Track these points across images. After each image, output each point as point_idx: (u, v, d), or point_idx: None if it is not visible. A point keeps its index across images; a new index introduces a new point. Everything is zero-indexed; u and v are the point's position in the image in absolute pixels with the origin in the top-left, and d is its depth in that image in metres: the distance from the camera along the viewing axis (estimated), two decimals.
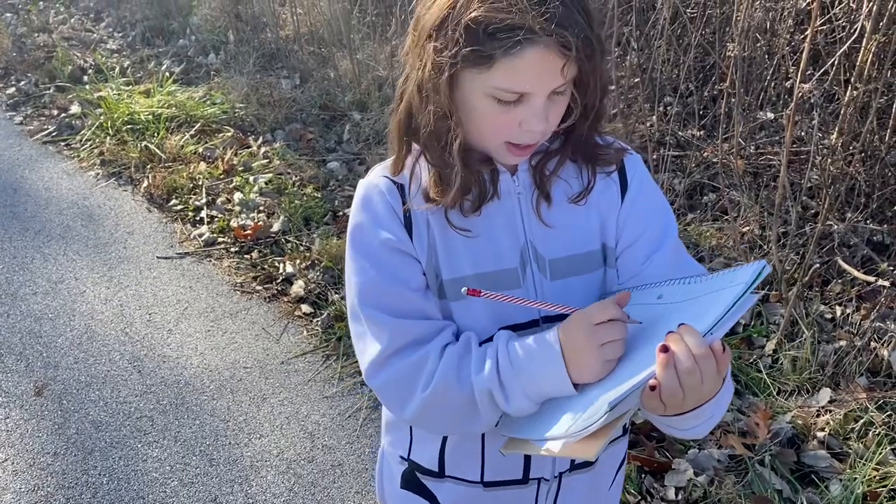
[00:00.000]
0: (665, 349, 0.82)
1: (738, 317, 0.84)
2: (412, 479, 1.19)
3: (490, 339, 1.01)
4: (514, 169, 1.04)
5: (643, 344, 0.90)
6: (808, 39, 2.57)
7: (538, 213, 1.03)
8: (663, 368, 0.82)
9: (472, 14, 0.85)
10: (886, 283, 2.73)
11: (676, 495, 2.19)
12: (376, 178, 1.04)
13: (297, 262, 3.32)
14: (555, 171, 1.03)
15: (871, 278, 2.76)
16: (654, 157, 3.67)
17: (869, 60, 2.87)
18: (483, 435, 1.08)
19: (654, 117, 3.89)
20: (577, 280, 1.05)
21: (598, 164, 1.04)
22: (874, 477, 2.21)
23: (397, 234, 1.00)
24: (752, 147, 3.62)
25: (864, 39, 2.84)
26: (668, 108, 4.11)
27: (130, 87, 5.10)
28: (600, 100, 0.98)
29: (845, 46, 2.87)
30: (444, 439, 1.12)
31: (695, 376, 0.82)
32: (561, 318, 1.04)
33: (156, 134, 4.46)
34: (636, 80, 4.03)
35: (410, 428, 1.17)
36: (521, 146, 0.97)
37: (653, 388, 0.83)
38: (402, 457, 1.20)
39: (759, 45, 3.51)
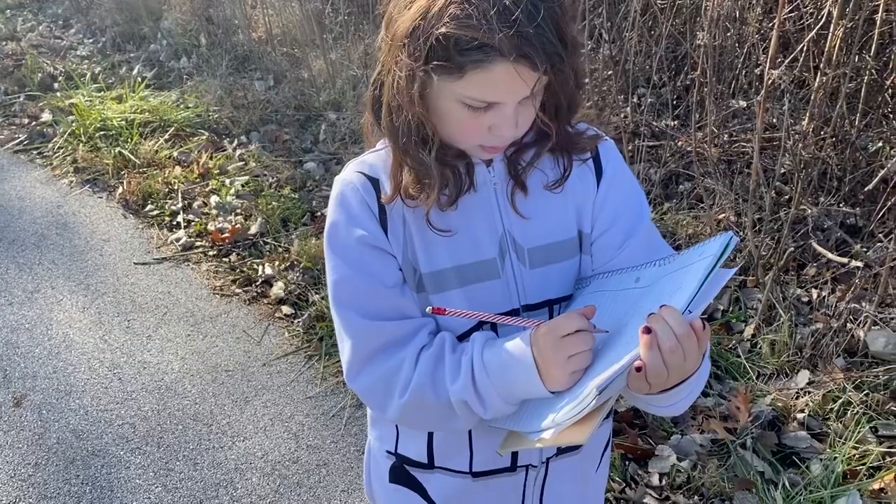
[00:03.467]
0: (648, 330, 0.84)
1: (714, 292, 0.86)
2: (401, 472, 1.19)
3: (468, 334, 1.01)
4: (489, 160, 1.04)
5: (626, 327, 0.91)
6: (776, 27, 2.60)
7: (513, 203, 1.03)
8: (647, 349, 0.83)
9: (442, 29, 0.84)
10: (860, 265, 2.77)
11: (660, 481, 2.21)
12: (351, 174, 1.04)
13: (277, 263, 3.30)
14: (531, 163, 1.04)
15: (844, 260, 2.80)
16: (630, 147, 3.69)
17: (837, 46, 2.90)
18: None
19: (629, 108, 3.91)
20: (555, 267, 1.05)
21: (574, 152, 1.05)
22: (853, 455, 2.24)
23: (372, 230, 1.00)
24: (726, 135, 3.65)
25: (832, 25, 2.87)
26: (642, 98, 4.14)
27: (102, 93, 5.05)
28: (575, 92, 0.98)
29: (813, 33, 2.90)
30: (431, 432, 1.13)
31: (678, 354, 0.83)
32: (543, 304, 1.05)
33: (129, 140, 4.42)
34: (609, 72, 4.05)
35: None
36: (493, 147, 0.98)
37: (638, 369, 0.84)
38: (389, 451, 1.20)
39: (729, 34, 3.54)
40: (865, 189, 2.70)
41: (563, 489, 1.19)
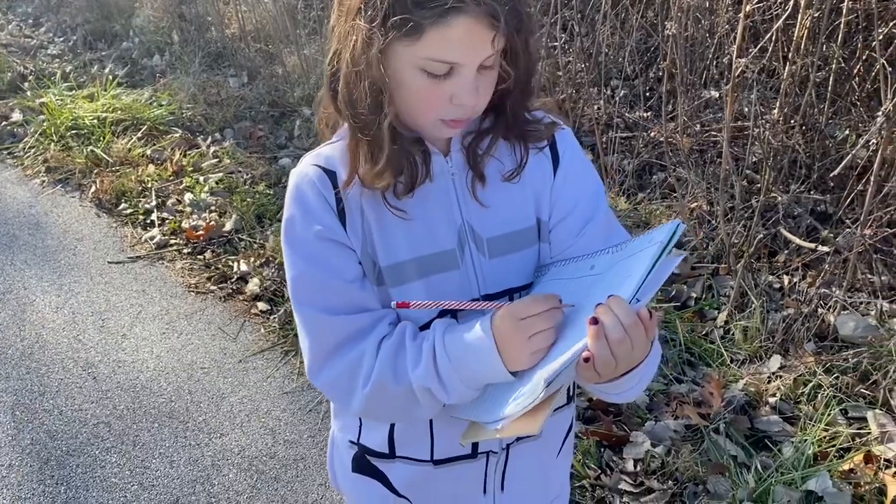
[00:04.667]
0: (595, 321, 0.84)
1: (662, 279, 0.86)
2: (363, 462, 1.19)
3: (429, 324, 1.02)
4: (446, 150, 1.04)
5: (576, 317, 0.91)
6: (742, 17, 2.62)
7: (473, 193, 1.03)
8: (595, 340, 0.84)
9: None
10: (829, 251, 2.80)
11: (635, 467, 2.23)
12: (307, 167, 1.03)
13: (252, 259, 3.29)
14: (487, 151, 1.03)
15: (812, 246, 2.84)
16: (604, 139, 3.72)
17: (804, 35, 2.94)
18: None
19: (602, 100, 3.94)
20: (515, 256, 1.05)
21: (530, 140, 1.05)
22: (824, 437, 2.28)
23: (330, 224, 0.99)
24: (698, 125, 3.69)
25: (799, 15, 2.91)
26: (615, 90, 4.16)
27: (73, 91, 4.99)
28: (530, 73, 0.98)
29: (780, 22, 2.93)
30: (392, 423, 1.13)
31: (625, 344, 0.84)
32: (503, 294, 1.05)
33: (102, 138, 4.38)
34: (583, 64, 4.07)
35: None
36: (454, 121, 0.97)
37: (587, 359, 0.85)
38: (351, 441, 1.20)
39: (700, 24, 3.57)
40: (831, 175, 2.73)
41: (524, 474, 1.19)
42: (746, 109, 3.57)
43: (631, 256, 0.91)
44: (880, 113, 2.30)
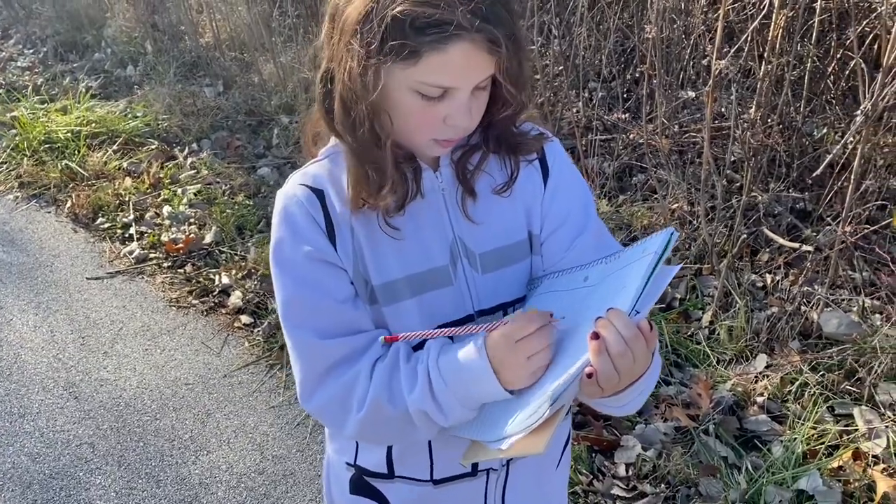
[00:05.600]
0: (596, 336, 0.83)
1: (660, 290, 0.86)
2: (361, 483, 1.17)
3: (423, 343, 1.00)
4: (435, 165, 1.02)
5: (575, 331, 0.90)
6: (720, 18, 2.64)
7: (464, 208, 1.02)
8: (597, 355, 0.83)
9: (399, 8, 0.83)
10: (811, 249, 2.83)
11: (627, 471, 2.23)
12: (294, 187, 1.01)
13: (233, 272, 3.25)
14: (478, 166, 1.03)
15: (795, 245, 2.86)
16: (583, 142, 3.72)
17: (780, 35, 2.96)
18: None
19: (581, 103, 3.94)
20: (508, 270, 1.04)
21: (520, 153, 1.04)
22: (812, 435, 2.29)
23: (319, 244, 0.98)
24: (676, 126, 3.70)
25: (774, 15, 2.93)
26: (594, 93, 4.17)
27: (46, 105, 4.92)
28: (523, 91, 0.97)
29: (756, 22, 2.95)
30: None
31: (627, 358, 0.83)
32: (497, 308, 1.04)
33: (76, 152, 4.31)
34: (560, 67, 4.07)
35: None
36: (447, 140, 0.96)
37: (590, 375, 0.84)
38: (348, 463, 1.18)
39: (676, 25, 3.59)
40: (813, 175, 2.76)
41: (524, 489, 1.18)
42: (725, 109, 3.60)
43: (625, 267, 0.90)
44: (859, 112, 2.32)
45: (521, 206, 1.05)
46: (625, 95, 4.10)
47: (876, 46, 2.90)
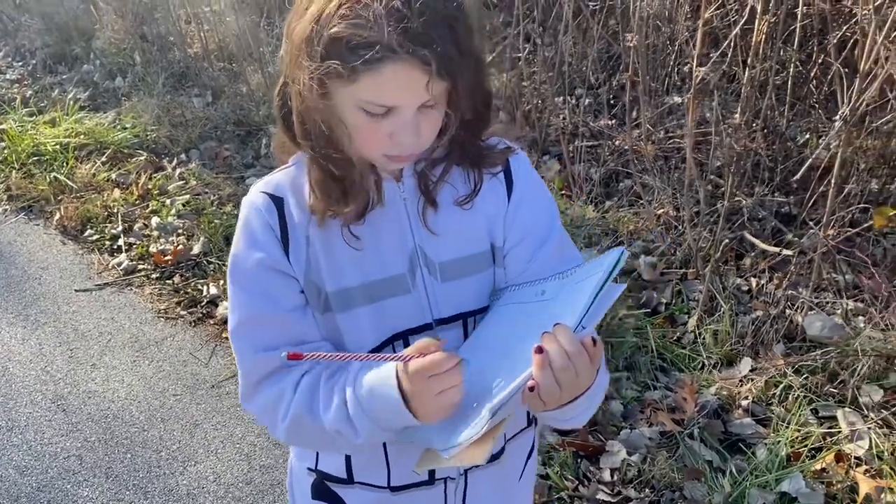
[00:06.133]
0: (540, 350, 0.85)
1: (606, 306, 0.88)
2: (322, 488, 1.19)
3: (379, 349, 1.03)
4: (399, 175, 1.04)
5: (523, 345, 0.91)
6: (700, 25, 2.66)
7: (424, 219, 1.03)
8: (540, 369, 0.85)
9: (334, 29, 0.85)
10: (791, 253, 2.84)
11: (612, 476, 2.24)
12: (255, 195, 1.04)
13: (221, 282, 3.26)
14: (441, 178, 1.04)
15: (775, 248, 2.88)
16: (570, 148, 3.74)
17: (763, 40, 2.99)
18: (385, 443, 1.09)
19: (567, 110, 3.97)
20: (469, 280, 1.06)
21: (484, 166, 1.06)
22: (796, 438, 2.31)
23: (272, 252, 1.00)
24: (662, 132, 3.73)
25: (757, 20, 2.96)
26: (580, 100, 4.20)
27: (34, 117, 4.92)
28: (482, 109, 0.99)
29: (738, 28, 2.98)
30: None
31: (569, 372, 0.85)
32: (456, 318, 1.06)
33: (65, 164, 4.32)
34: (547, 75, 4.10)
35: None
36: (398, 157, 0.97)
37: (532, 388, 0.86)
38: (309, 468, 1.20)
39: (661, 31, 3.62)
40: (794, 178, 2.78)
41: (485, 500, 1.19)
42: (709, 115, 3.63)
43: (578, 283, 0.92)
44: (838, 117, 2.35)
45: (482, 218, 1.06)
46: (611, 101, 4.13)
47: (857, 51, 2.93)
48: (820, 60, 3.25)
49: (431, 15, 0.84)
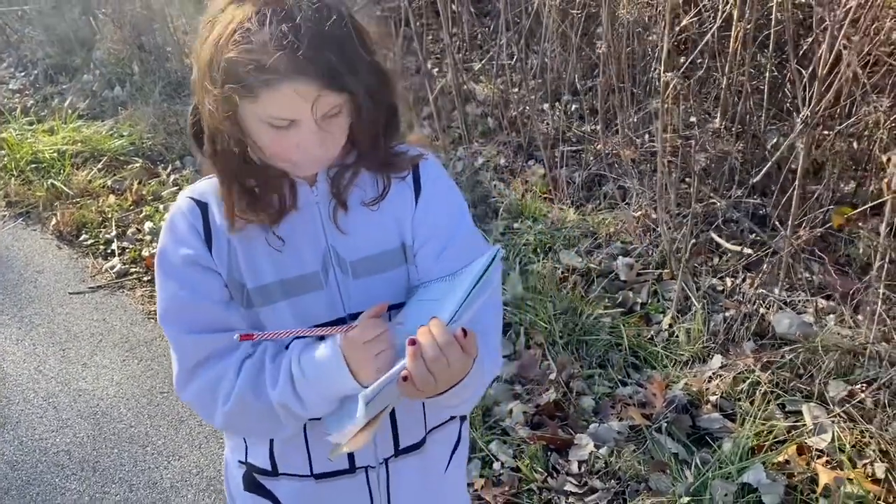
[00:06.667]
0: (413, 342, 0.93)
1: (481, 299, 0.96)
2: (252, 480, 1.25)
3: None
4: (313, 180, 1.11)
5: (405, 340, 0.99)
6: (665, 36, 2.74)
7: (335, 220, 1.11)
8: (412, 360, 0.92)
9: (230, 54, 0.93)
10: (749, 251, 2.90)
11: (580, 468, 2.31)
12: (181, 200, 1.11)
13: None
14: (350, 183, 1.11)
15: (736, 247, 2.95)
16: (555, 153, 3.82)
17: (739, 45, 3.07)
18: (305, 431, 1.15)
19: (551, 116, 4.05)
20: (381, 277, 1.13)
21: (392, 171, 1.13)
22: (761, 431, 2.37)
23: (197, 249, 1.07)
24: (646, 135, 3.80)
25: (733, 27, 3.04)
26: (568, 105, 4.28)
27: (34, 126, 5.03)
28: (389, 118, 1.07)
29: (709, 35, 3.06)
30: (271, 440, 1.19)
31: (441, 362, 0.92)
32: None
33: (62, 171, 4.42)
34: (532, 82, 4.18)
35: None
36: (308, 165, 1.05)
37: (405, 378, 0.93)
38: (240, 461, 1.25)
39: (642, 38, 3.70)
40: (754, 181, 2.85)
41: (411, 490, 1.25)
42: (693, 119, 3.70)
43: (459, 281, 1.00)
44: (798, 119, 2.42)
45: (390, 218, 1.13)
46: (596, 107, 4.21)
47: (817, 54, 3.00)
48: (794, 65, 3.32)
49: (319, 38, 0.93)
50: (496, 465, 2.34)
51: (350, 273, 1.11)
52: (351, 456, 1.18)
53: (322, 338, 1.06)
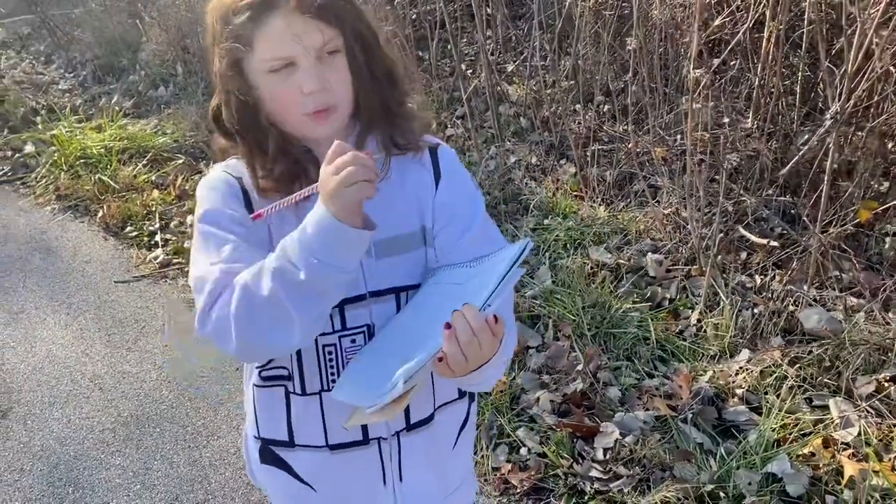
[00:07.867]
0: (449, 326, 0.99)
1: (510, 287, 1.03)
2: (269, 453, 1.30)
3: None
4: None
5: (437, 323, 1.04)
6: (696, 33, 2.78)
7: None
8: (448, 342, 0.99)
9: (225, 4, 1.04)
10: (776, 244, 2.91)
11: (605, 455, 2.35)
12: (216, 173, 1.17)
13: None
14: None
15: (762, 240, 2.96)
16: (586, 152, 3.87)
17: (772, 46, 3.09)
18: (322, 402, 1.20)
19: (584, 116, 4.10)
20: (402, 258, 1.17)
21: (397, 134, 1.18)
22: (787, 424, 2.39)
23: (241, 211, 1.13)
24: (678, 135, 3.83)
25: (765, 28, 3.06)
26: (600, 106, 4.32)
27: (82, 124, 5.23)
28: (388, 68, 1.14)
29: (740, 34, 3.09)
30: (289, 412, 1.23)
31: (474, 345, 0.99)
32: (389, 291, 1.18)
33: (108, 166, 4.59)
34: (565, 82, 4.24)
35: (255, 410, 1.29)
36: (318, 113, 1.08)
37: (441, 359, 1.00)
38: (255, 436, 1.32)
39: (674, 38, 3.73)
40: (781, 173, 2.86)
41: (420, 465, 1.29)
42: (726, 119, 3.72)
43: (488, 269, 1.06)
44: (828, 115, 2.45)
45: (413, 201, 1.19)
46: (629, 106, 4.24)
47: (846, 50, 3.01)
48: (826, 63, 3.33)
49: None
50: (523, 451, 2.40)
51: (373, 252, 1.15)
52: (364, 428, 1.23)
53: None
